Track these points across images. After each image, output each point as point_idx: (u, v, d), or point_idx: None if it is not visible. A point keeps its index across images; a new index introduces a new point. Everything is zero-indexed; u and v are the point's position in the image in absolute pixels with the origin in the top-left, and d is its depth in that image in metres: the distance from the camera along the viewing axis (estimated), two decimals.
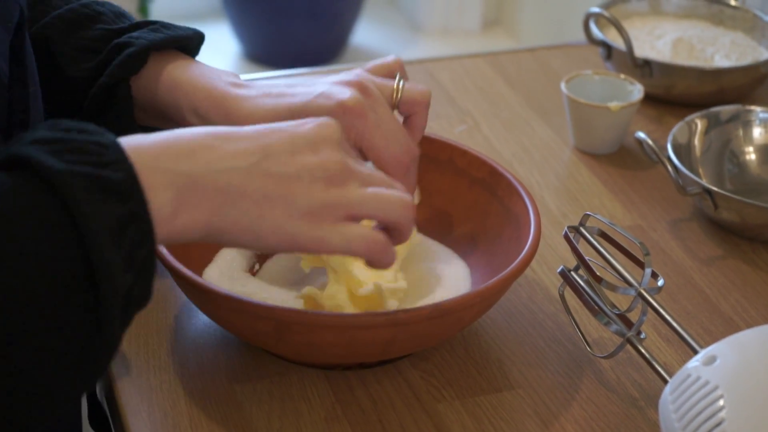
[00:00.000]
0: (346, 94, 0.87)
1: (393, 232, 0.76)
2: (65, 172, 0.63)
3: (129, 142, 0.68)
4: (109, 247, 0.63)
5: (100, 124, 0.70)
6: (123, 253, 0.64)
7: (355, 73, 0.90)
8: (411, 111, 0.92)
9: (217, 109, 0.89)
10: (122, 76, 0.91)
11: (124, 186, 0.64)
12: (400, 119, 0.92)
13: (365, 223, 0.75)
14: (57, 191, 0.62)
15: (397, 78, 0.91)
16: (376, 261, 0.75)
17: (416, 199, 0.94)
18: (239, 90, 0.90)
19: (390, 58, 0.95)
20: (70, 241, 0.62)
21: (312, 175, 0.72)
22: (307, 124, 0.75)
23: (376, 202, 0.74)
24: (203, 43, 0.96)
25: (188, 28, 0.96)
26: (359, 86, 0.88)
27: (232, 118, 0.89)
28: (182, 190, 0.68)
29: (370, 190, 0.74)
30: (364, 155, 0.87)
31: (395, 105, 0.91)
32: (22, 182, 0.63)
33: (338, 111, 0.86)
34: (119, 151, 0.66)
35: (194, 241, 0.71)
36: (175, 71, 0.92)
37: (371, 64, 0.94)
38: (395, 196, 0.75)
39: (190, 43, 0.95)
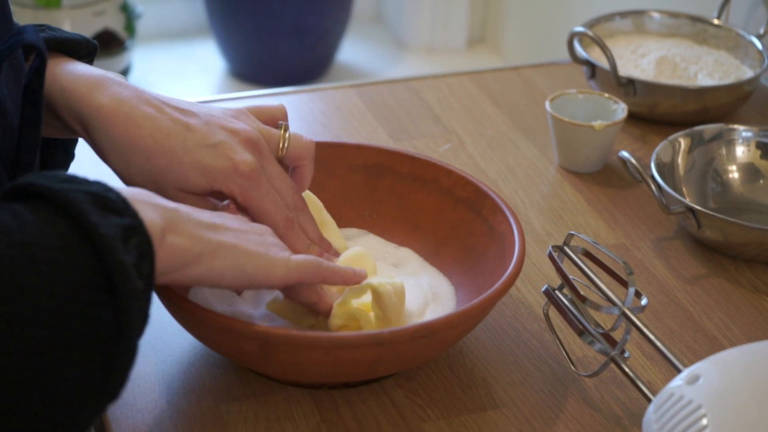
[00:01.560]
0: (241, 155, 0.87)
1: None
2: (69, 190, 0.67)
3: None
4: (121, 251, 0.66)
5: None
6: (132, 259, 0.67)
7: (242, 115, 0.91)
8: (297, 163, 0.93)
9: (96, 117, 0.86)
10: None
11: (119, 204, 0.69)
12: None
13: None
14: (66, 208, 0.66)
15: (283, 129, 0.92)
16: (330, 280, 0.85)
17: (340, 247, 0.96)
18: (130, 91, 0.88)
19: (275, 104, 0.95)
20: (86, 249, 0.66)
21: (260, 232, 0.84)
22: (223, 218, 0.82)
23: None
24: (95, 53, 0.93)
25: (79, 35, 0.92)
26: (252, 144, 0.88)
27: (115, 124, 0.86)
28: (165, 216, 0.74)
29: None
30: (250, 215, 0.89)
31: (280, 156, 0.92)
32: (30, 204, 0.67)
33: (232, 172, 0.87)
34: (104, 183, 0.70)
35: (184, 276, 0.76)
36: (56, 67, 0.88)
37: (256, 106, 0.94)
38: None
39: (77, 47, 0.91)
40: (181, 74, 3.11)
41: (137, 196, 0.73)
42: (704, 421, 0.74)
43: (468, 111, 1.36)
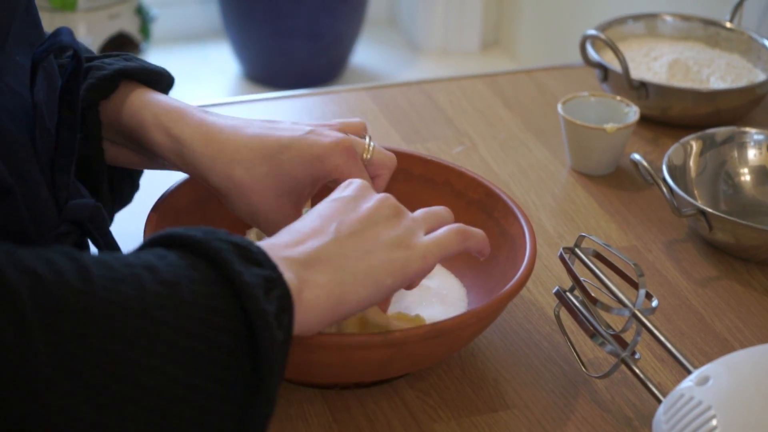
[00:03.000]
0: (338, 135, 0.89)
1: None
2: (212, 240, 0.68)
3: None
4: (263, 300, 0.66)
5: None
6: (273, 309, 0.67)
7: (326, 126, 0.92)
8: (377, 173, 0.94)
9: (194, 130, 0.89)
10: (93, 99, 0.90)
11: (260, 257, 0.69)
12: None
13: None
14: (208, 255, 0.67)
15: (368, 139, 0.93)
16: (475, 245, 0.84)
17: None
18: (216, 117, 0.91)
19: (356, 120, 0.96)
20: (228, 295, 0.66)
21: (381, 216, 0.79)
22: (345, 189, 0.82)
23: (430, 215, 0.84)
24: (173, 86, 0.96)
25: (160, 67, 0.95)
26: (343, 144, 0.89)
27: (210, 141, 0.89)
28: (298, 271, 0.73)
29: (417, 212, 0.83)
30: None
31: (365, 162, 0.93)
32: (175, 250, 0.68)
33: (333, 147, 0.88)
34: (239, 236, 0.71)
35: (325, 323, 0.75)
36: (145, 95, 0.91)
37: (337, 121, 0.95)
38: (435, 208, 0.85)
39: (160, 79, 0.94)
40: (195, 77, 3.12)
41: (271, 250, 0.72)
42: (714, 422, 0.74)
43: (481, 114, 1.37)
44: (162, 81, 0.94)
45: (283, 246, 0.74)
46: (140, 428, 0.62)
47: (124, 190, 0.98)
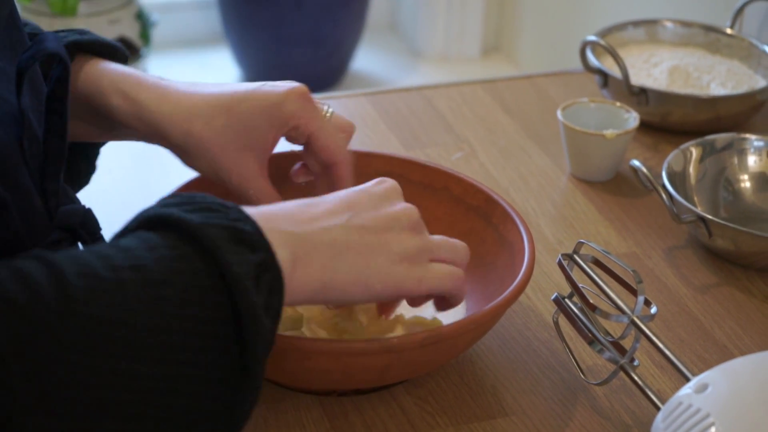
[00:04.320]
0: (293, 83, 0.90)
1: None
2: (204, 225, 0.67)
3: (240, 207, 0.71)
4: (253, 292, 0.66)
5: None
6: (262, 299, 0.67)
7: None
8: (342, 133, 0.94)
9: (150, 91, 0.89)
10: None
11: (254, 237, 0.69)
12: None
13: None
14: (200, 243, 0.66)
15: (327, 107, 0.94)
16: (457, 296, 0.84)
17: None
18: (173, 81, 0.91)
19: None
20: (217, 286, 0.66)
21: (399, 225, 0.79)
22: (376, 185, 0.82)
23: (447, 246, 0.83)
24: (126, 62, 0.95)
25: (114, 41, 0.95)
26: (302, 92, 0.90)
27: (168, 99, 0.89)
28: (295, 247, 0.73)
29: (437, 237, 0.83)
30: (311, 143, 0.90)
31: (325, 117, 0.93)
32: (167, 237, 0.67)
33: (289, 93, 0.89)
34: (240, 210, 0.70)
35: (306, 302, 0.75)
36: (100, 64, 0.91)
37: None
38: (455, 241, 0.85)
39: (114, 52, 0.93)
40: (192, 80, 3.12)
41: (271, 222, 0.72)
42: (713, 430, 0.74)
43: (480, 119, 1.37)
44: (116, 54, 0.94)
45: (287, 218, 0.74)
46: (132, 428, 0.62)
47: (81, 171, 0.97)
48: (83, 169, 0.98)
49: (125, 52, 0.95)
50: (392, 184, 0.83)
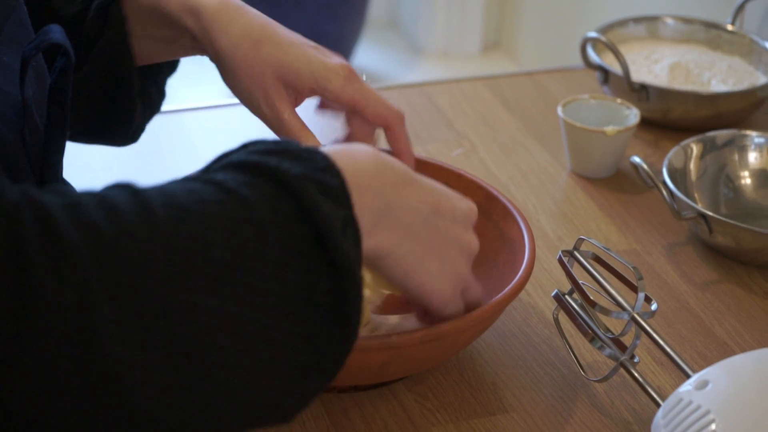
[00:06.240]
0: (341, 61, 0.92)
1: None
2: (300, 175, 0.66)
3: (338, 159, 0.70)
4: (344, 243, 0.66)
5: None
6: (354, 250, 0.67)
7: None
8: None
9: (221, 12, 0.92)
10: None
11: (339, 191, 0.68)
12: None
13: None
14: (294, 192, 0.65)
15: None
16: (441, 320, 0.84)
17: None
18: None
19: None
20: (311, 237, 0.65)
21: (461, 249, 0.80)
22: (464, 201, 0.82)
23: (478, 291, 0.84)
24: None
25: None
26: (347, 68, 0.93)
27: (227, 11, 0.91)
28: (380, 213, 0.72)
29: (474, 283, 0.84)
30: (361, 112, 0.92)
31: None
32: (261, 183, 0.66)
33: (337, 68, 0.91)
34: (328, 158, 0.69)
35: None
36: None
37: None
38: (480, 289, 0.85)
39: None
40: (196, 79, 3.11)
41: (368, 182, 0.72)
42: (713, 427, 0.74)
43: (481, 116, 1.36)
44: None
45: (390, 184, 0.74)
46: (213, 371, 0.61)
47: (152, 97, 1.00)
48: (155, 95, 1.00)
49: None
50: (474, 209, 0.83)
